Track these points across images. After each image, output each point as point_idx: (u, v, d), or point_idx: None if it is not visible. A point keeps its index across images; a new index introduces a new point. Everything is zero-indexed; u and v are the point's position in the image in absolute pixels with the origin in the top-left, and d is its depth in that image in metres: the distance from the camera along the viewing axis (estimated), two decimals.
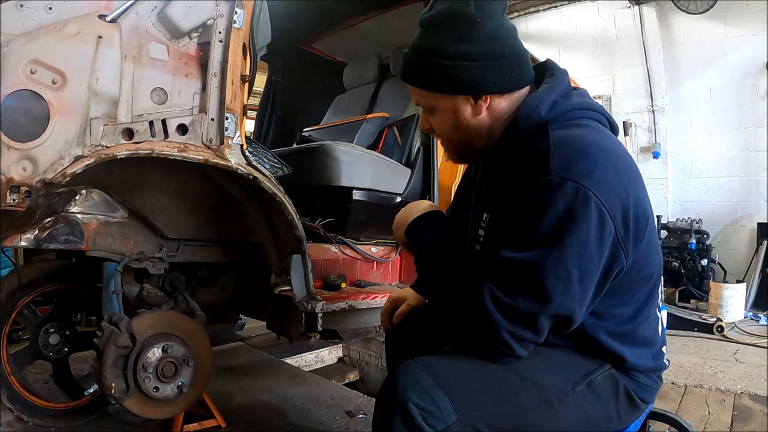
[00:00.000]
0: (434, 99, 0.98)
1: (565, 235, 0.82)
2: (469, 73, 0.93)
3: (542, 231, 0.83)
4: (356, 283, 2.23)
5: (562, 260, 0.82)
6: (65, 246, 1.48)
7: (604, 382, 0.96)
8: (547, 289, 0.83)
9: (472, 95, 0.96)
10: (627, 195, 0.86)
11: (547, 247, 0.83)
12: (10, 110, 1.24)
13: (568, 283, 0.83)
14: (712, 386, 2.54)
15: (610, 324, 0.95)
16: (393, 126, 2.64)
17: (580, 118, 0.96)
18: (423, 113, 1.05)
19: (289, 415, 2.18)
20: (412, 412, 0.80)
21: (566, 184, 0.83)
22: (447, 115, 0.99)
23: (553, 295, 0.83)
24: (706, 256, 4.74)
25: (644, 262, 0.94)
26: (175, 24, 1.46)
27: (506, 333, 0.85)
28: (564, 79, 1.00)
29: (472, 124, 0.98)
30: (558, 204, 0.82)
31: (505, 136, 0.98)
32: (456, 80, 0.94)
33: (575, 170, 0.83)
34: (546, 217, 0.83)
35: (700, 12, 5.11)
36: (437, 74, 0.95)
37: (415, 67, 0.98)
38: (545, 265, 0.82)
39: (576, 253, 0.82)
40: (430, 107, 1.01)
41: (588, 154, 0.86)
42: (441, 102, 0.98)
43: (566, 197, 0.82)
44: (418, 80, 0.99)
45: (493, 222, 1.01)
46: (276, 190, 1.63)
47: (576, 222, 0.82)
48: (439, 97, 0.98)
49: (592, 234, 0.83)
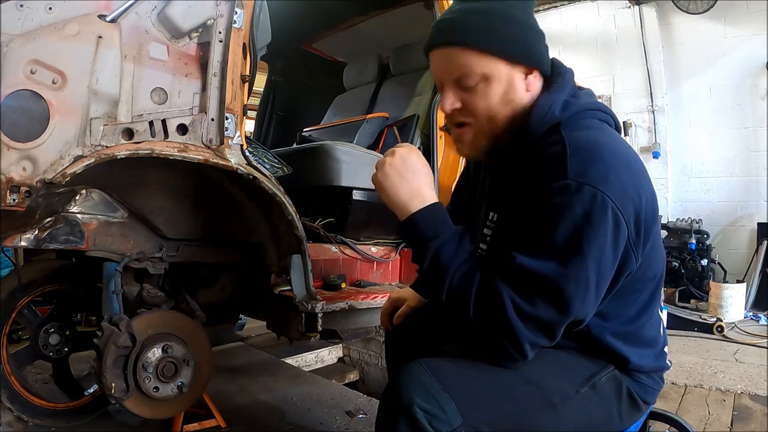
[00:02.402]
0: (491, 65, 0.90)
1: (584, 242, 0.81)
2: (537, 41, 0.92)
3: (561, 237, 0.82)
4: (356, 283, 2.23)
5: (582, 268, 0.82)
6: (65, 246, 1.48)
7: (608, 383, 0.96)
8: (568, 298, 0.82)
9: (531, 65, 0.93)
10: (639, 199, 0.86)
11: (566, 254, 0.82)
12: (10, 110, 1.24)
13: (586, 291, 0.83)
14: (712, 386, 2.54)
15: (614, 324, 0.95)
16: (393, 126, 2.63)
17: (591, 119, 0.95)
18: (452, 91, 0.94)
19: (289, 415, 2.18)
20: (417, 415, 0.80)
21: (584, 188, 0.82)
22: (501, 85, 0.91)
23: (574, 303, 0.83)
24: (706, 256, 4.74)
25: (649, 262, 0.94)
26: (175, 24, 1.46)
27: (528, 343, 0.84)
28: (571, 79, 1.00)
29: (516, 103, 0.93)
30: (576, 209, 0.82)
31: (517, 135, 0.95)
32: (524, 46, 0.90)
33: (592, 175, 0.83)
34: (564, 222, 0.82)
35: (700, 12, 5.10)
36: (503, 36, 0.89)
37: (482, 24, 0.89)
38: (567, 276, 0.82)
39: (594, 260, 0.82)
40: (482, 75, 0.90)
41: (602, 159, 0.85)
42: (498, 70, 0.90)
43: (584, 202, 0.82)
44: (483, 40, 0.89)
45: (502, 222, 1.00)
46: (276, 190, 1.63)
47: (594, 228, 0.82)
48: (497, 63, 0.90)
49: (609, 240, 0.83)
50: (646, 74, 5.42)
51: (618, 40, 5.64)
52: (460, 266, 0.88)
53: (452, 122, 0.99)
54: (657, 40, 5.37)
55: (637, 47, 5.45)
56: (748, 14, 4.90)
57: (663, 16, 5.35)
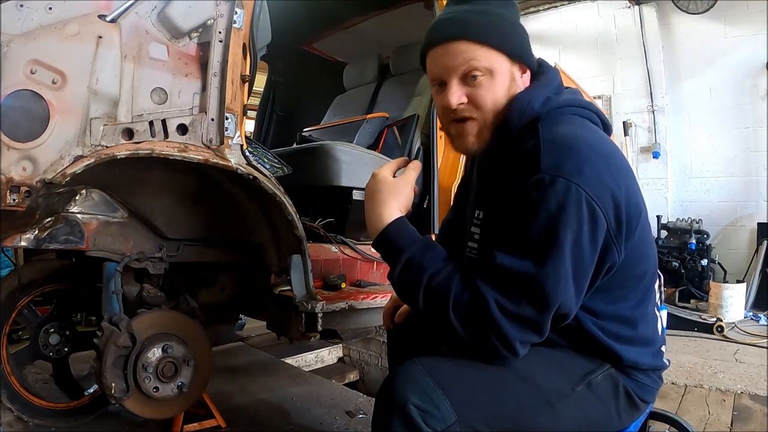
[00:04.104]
0: (496, 60, 0.94)
1: (560, 235, 0.82)
2: (527, 42, 0.98)
3: (536, 232, 0.83)
4: (356, 283, 2.23)
5: (560, 261, 0.82)
6: (65, 246, 1.48)
7: (604, 382, 0.96)
8: (548, 293, 0.83)
9: (527, 64, 0.98)
10: (618, 191, 0.86)
11: (543, 249, 0.83)
12: (10, 110, 1.24)
13: (566, 284, 0.84)
14: (712, 386, 2.54)
15: (607, 322, 0.96)
16: (393, 126, 2.63)
17: (572, 115, 0.96)
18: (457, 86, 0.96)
19: (289, 415, 2.18)
20: (411, 413, 0.80)
21: (557, 181, 0.83)
22: (504, 78, 0.95)
23: (556, 299, 0.83)
24: (706, 256, 4.73)
25: (637, 258, 0.94)
26: (175, 24, 1.46)
27: (518, 342, 0.85)
28: (555, 77, 1.01)
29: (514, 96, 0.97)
30: (550, 202, 0.82)
31: (498, 131, 0.97)
32: (522, 44, 0.97)
33: (566, 168, 0.83)
34: (539, 216, 0.83)
35: (700, 12, 5.10)
36: (510, 33, 0.96)
37: (485, 21, 0.94)
38: (546, 271, 0.82)
39: (571, 252, 0.83)
40: (488, 68, 0.93)
41: (578, 151, 0.86)
42: (502, 64, 0.95)
43: (558, 195, 0.82)
44: (488, 35, 0.93)
45: (487, 219, 1.01)
46: (276, 190, 1.63)
47: (569, 220, 0.82)
48: (502, 58, 0.94)
49: (585, 231, 0.83)
50: (646, 74, 5.42)
51: (618, 40, 5.63)
52: (433, 274, 0.89)
53: (454, 117, 0.99)
54: (657, 40, 5.37)
55: (637, 47, 5.45)
56: (748, 14, 4.90)
57: (663, 16, 5.35)
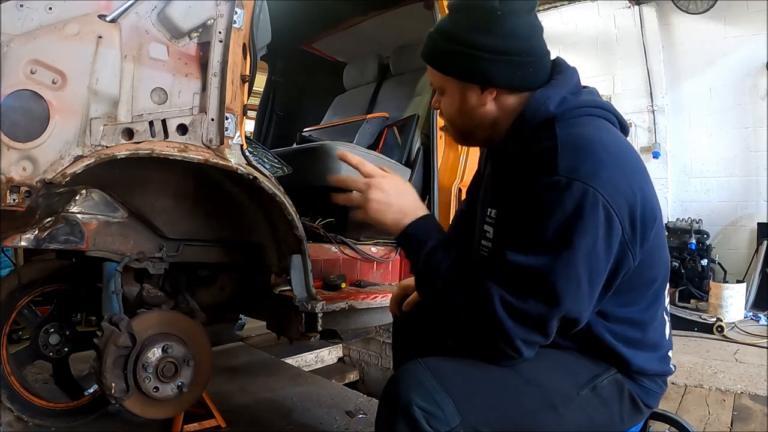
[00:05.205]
0: (444, 81, 1.01)
1: (574, 238, 0.81)
2: (479, 64, 0.94)
3: (551, 233, 0.83)
4: (356, 283, 2.23)
5: (572, 263, 0.82)
6: (65, 246, 1.48)
7: (609, 386, 0.95)
8: (559, 293, 0.82)
9: (479, 85, 0.96)
10: (634, 195, 0.86)
11: (556, 250, 0.82)
12: (10, 110, 1.24)
13: (578, 286, 0.83)
14: (712, 386, 2.54)
15: (615, 326, 0.95)
16: (393, 126, 2.63)
17: (589, 116, 0.95)
18: (437, 95, 1.07)
19: (289, 415, 2.18)
20: (415, 415, 0.80)
21: (574, 184, 0.82)
22: (454, 99, 1.01)
23: (564, 298, 0.83)
24: (706, 256, 4.73)
25: (650, 262, 0.93)
26: (175, 24, 1.46)
27: (519, 340, 0.84)
28: (573, 77, 0.99)
29: (476, 114, 1.00)
30: (566, 205, 0.82)
31: (512, 131, 0.98)
32: (465, 68, 0.96)
33: (583, 171, 0.83)
34: (554, 218, 0.82)
35: (700, 12, 5.10)
36: (449, 58, 0.98)
37: (431, 47, 1.01)
38: (556, 268, 0.82)
39: (585, 256, 0.82)
40: (440, 88, 1.03)
41: (594, 154, 0.85)
42: (450, 85, 1.00)
43: (574, 198, 0.82)
44: (432, 60, 1.01)
45: (500, 218, 1.00)
46: (276, 190, 1.63)
47: (584, 224, 0.81)
48: (449, 80, 1.00)
49: (600, 236, 0.83)
50: (646, 74, 5.42)
51: (618, 40, 5.63)
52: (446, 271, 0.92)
53: None
54: (657, 40, 5.36)
55: (637, 47, 5.44)
56: (748, 14, 4.90)
57: (663, 16, 5.35)
